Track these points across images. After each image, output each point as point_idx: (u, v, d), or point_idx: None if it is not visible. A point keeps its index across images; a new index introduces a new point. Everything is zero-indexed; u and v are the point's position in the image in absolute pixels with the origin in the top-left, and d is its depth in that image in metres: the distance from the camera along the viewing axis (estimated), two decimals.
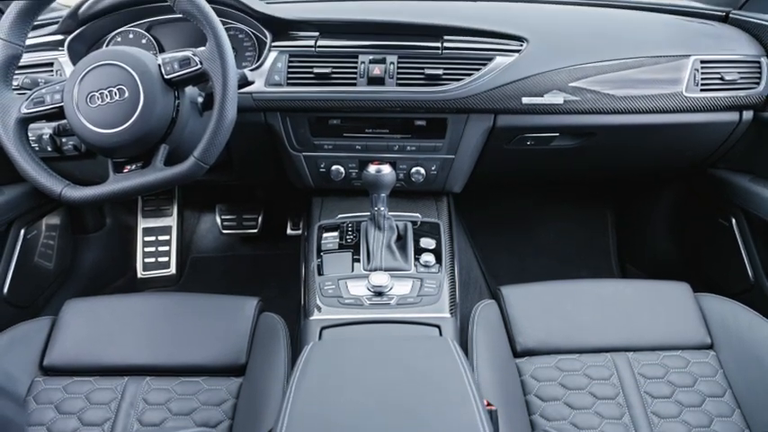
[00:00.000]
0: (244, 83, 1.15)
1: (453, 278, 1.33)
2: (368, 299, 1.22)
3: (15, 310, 1.56)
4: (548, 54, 1.33)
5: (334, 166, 1.43)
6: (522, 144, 1.43)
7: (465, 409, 0.75)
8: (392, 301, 1.21)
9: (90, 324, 1.19)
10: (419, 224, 1.42)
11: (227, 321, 1.19)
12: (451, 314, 1.21)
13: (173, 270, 2.12)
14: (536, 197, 2.21)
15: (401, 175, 1.43)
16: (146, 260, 2.12)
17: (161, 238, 2.14)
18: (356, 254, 1.33)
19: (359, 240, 1.36)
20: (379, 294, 1.22)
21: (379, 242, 1.32)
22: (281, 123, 1.37)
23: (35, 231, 1.64)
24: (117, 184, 1.06)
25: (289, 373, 1.07)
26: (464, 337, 1.19)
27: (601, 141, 1.45)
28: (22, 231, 1.56)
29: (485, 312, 1.21)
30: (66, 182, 1.08)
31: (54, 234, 1.77)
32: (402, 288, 1.24)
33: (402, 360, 0.87)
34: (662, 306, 1.23)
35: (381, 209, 1.31)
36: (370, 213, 1.34)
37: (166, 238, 2.14)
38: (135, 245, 2.14)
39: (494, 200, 2.17)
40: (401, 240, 1.36)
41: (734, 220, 1.57)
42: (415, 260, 1.31)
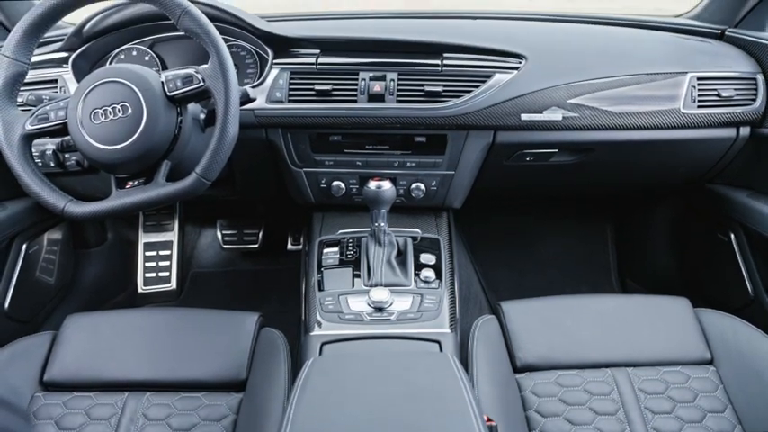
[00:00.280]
0: (245, 100, 1.17)
1: (453, 293, 1.33)
2: (368, 314, 1.22)
3: (16, 325, 1.56)
4: (546, 71, 1.34)
5: (334, 182, 1.44)
6: (522, 160, 1.44)
7: (465, 424, 0.75)
8: (392, 317, 1.22)
9: (90, 339, 1.20)
10: (419, 240, 1.43)
11: (227, 336, 1.19)
12: (451, 329, 1.22)
13: (173, 285, 2.12)
14: (536, 212, 2.22)
15: (401, 191, 1.44)
16: (146, 275, 2.12)
17: (162, 252, 2.14)
18: (356, 269, 1.33)
19: (359, 256, 1.36)
20: (380, 310, 1.22)
21: (379, 258, 1.32)
22: (282, 140, 1.38)
23: (37, 246, 1.65)
24: (119, 199, 1.07)
25: (289, 389, 1.07)
26: (464, 352, 1.19)
27: (600, 157, 1.46)
28: (24, 246, 1.57)
29: (485, 328, 1.21)
30: (69, 197, 1.09)
31: (55, 249, 1.77)
32: (402, 303, 1.25)
33: (402, 376, 0.87)
34: (662, 321, 1.23)
35: (382, 224, 1.31)
36: (370, 229, 1.34)
37: (167, 252, 2.14)
38: (136, 260, 2.14)
39: (494, 215, 2.18)
40: (401, 256, 1.37)
41: (733, 236, 1.57)
42: (416, 276, 1.32)
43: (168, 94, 1.06)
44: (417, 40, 1.36)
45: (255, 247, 2.22)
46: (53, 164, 1.37)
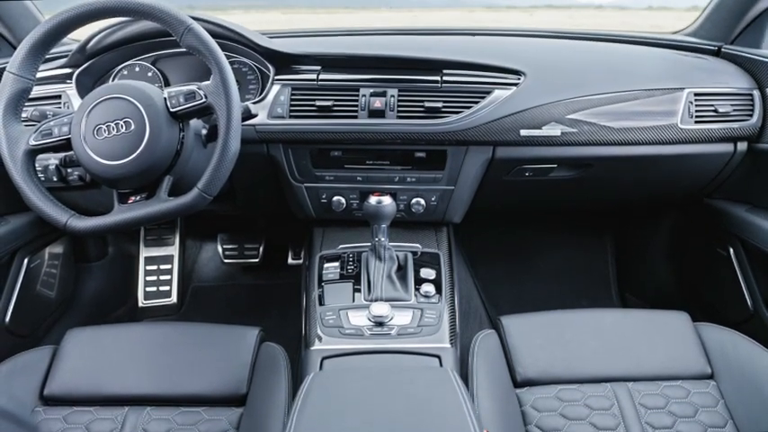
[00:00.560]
0: (247, 116, 1.18)
1: (453, 308, 1.33)
2: (368, 329, 1.22)
3: (17, 340, 1.56)
4: (545, 87, 1.35)
5: (335, 197, 1.44)
6: (521, 175, 1.45)
7: None
8: (393, 332, 1.22)
9: (91, 353, 1.20)
10: (419, 254, 1.43)
11: (227, 351, 1.19)
12: (451, 344, 1.22)
13: (174, 299, 2.12)
14: (536, 227, 2.23)
15: (401, 206, 1.44)
16: (147, 289, 2.12)
17: (162, 267, 2.14)
18: (357, 284, 1.34)
19: (360, 271, 1.37)
20: (380, 325, 1.23)
21: (379, 272, 1.33)
22: (283, 155, 1.39)
23: (38, 260, 1.65)
24: (121, 214, 1.08)
25: (290, 404, 1.06)
26: (464, 367, 1.19)
27: (598, 172, 1.47)
28: (26, 260, 1.57)
29: (485, 342, 1.21)
30: (72, 212, 1.09)
31: (56, 263, 1.78)
32: (402, 318, 1.25)
33: (402, 391, 0.87)
34: (661, 335, 1.23)
35: (382, 239, 1.32)
36: (370, 244, 1.35)
37: (168, 267, 2.15)
38: (136, 274, 2.14)
39: (493, 229, 2.18)
40: (401, 271, 1.37)
41: (732, 250, 1.58)
42: (416, 290, 1.32)
43: (171, 110, 1.07)
44: (417, 56, 1.37)
45: (256, 261, 2.23)
46: (56, 178, 1.38)
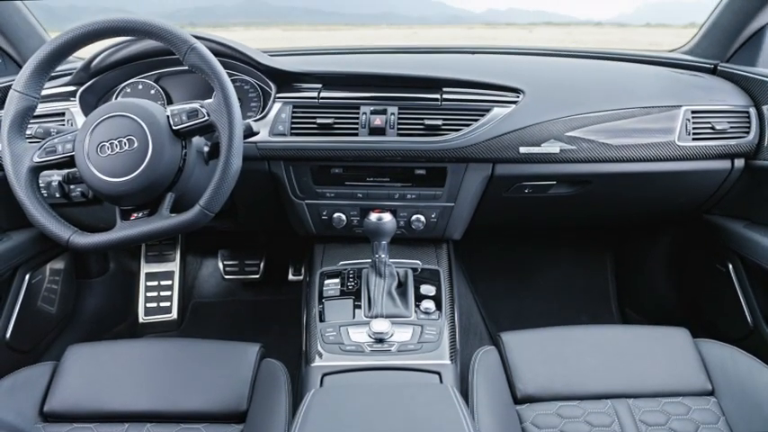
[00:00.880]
0: (249, 133, 1.19)
1: (453, 325, 1.33)
2: (369, 345, 1.23)
3: (17, 356, 1.56)
4: (544, 105, 1.37)
5: (335, 214, 1.45)
6: (521, 192, 1.46)
7: None
8: (393, 348, 1.22)
9: (91, 370, 1.19)
10: (419, 271, 1.44)
11: (228, 367, 1.19)
12: (452, 361, 1.22)
13: (174, 315, 2.12)
14: (535, 243, 2.23)
15: (402, 223, 1.45)
16: (147, 305, 2.13)
17: (163, 282, 2.15)
18: (357, 300, 1.34)
19: (360, 287, 1.37)
20: (380, 341, 1.23)
21: (379, 289, 1.33)
22: (284, 172, 1.41)
23: (39, 276, 1.65)
24: (124, 231, 1.08)
25: (290, 420, 1.06)
26: (464, 383, 1.19)
27: (597, 189, 1.47)
28: (27, 276, 1.57)
29: (485, 359, 1.21)
30: (74, 228, 1.10)
31: (58, 279, 1.78)
32: (403, 335, 1.25)
33: (403, 407, 0.87)
34: (662, 352, 1.23)
35: (382, 256, 1.33)
36: (371, 260, 1.36)
37: (169, 282, 2.15)
38: (137, 290, 2.14)
39: (493, 246, 2.19)
40: (402, 287, 1.38)
41: (731, 266, 1.58)
42: (416, 307, 1.32)
43: (173, 127, 1.08)
44: (417, 74, 1.39)
45: (257, 277, 2.23)
46: (58, 195, 1.38)
